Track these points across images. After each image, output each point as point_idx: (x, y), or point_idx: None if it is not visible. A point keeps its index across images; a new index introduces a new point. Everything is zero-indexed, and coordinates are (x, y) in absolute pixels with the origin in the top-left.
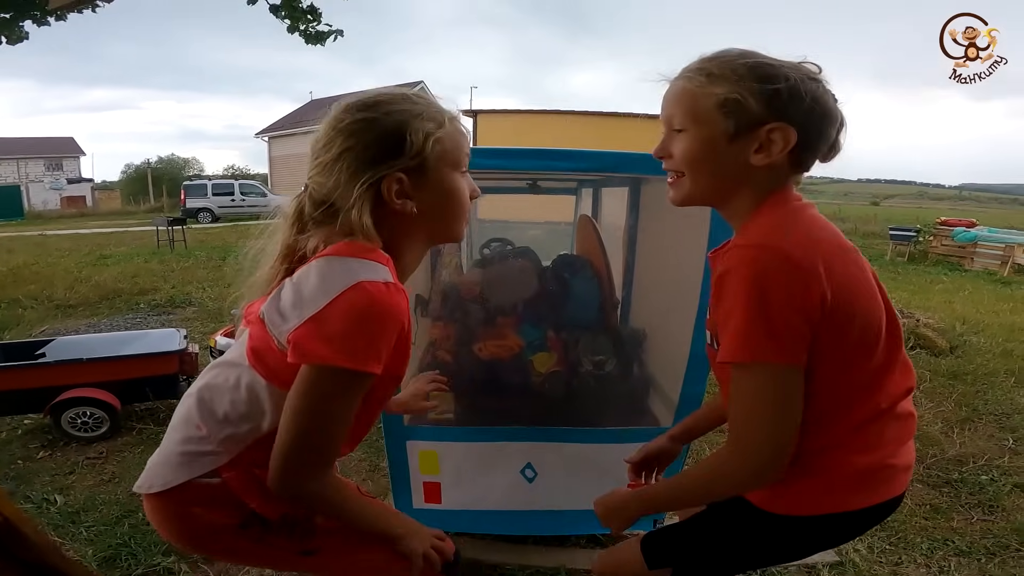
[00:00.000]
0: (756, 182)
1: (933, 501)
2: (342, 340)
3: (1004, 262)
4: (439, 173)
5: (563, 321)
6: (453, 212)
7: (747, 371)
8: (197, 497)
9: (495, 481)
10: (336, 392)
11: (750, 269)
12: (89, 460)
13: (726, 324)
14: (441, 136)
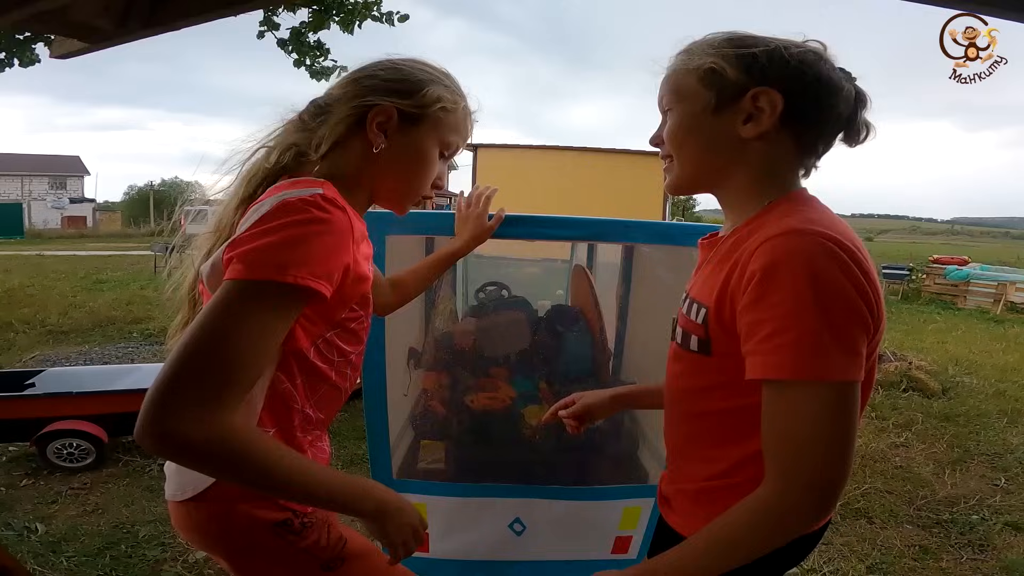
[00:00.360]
0: (753, 160)
1: (923, 542)
2: (268, 252)
3: (997, 300)
4: (427, 135)
5: (555, 373)
6: (412, 176)
7: (806, 390)
8: (238, 492)
9: (483, 533)
10: (248, 308)
11: (809, 264)
12: (73, 490)
13: (772, 330)
14: (450, 108)
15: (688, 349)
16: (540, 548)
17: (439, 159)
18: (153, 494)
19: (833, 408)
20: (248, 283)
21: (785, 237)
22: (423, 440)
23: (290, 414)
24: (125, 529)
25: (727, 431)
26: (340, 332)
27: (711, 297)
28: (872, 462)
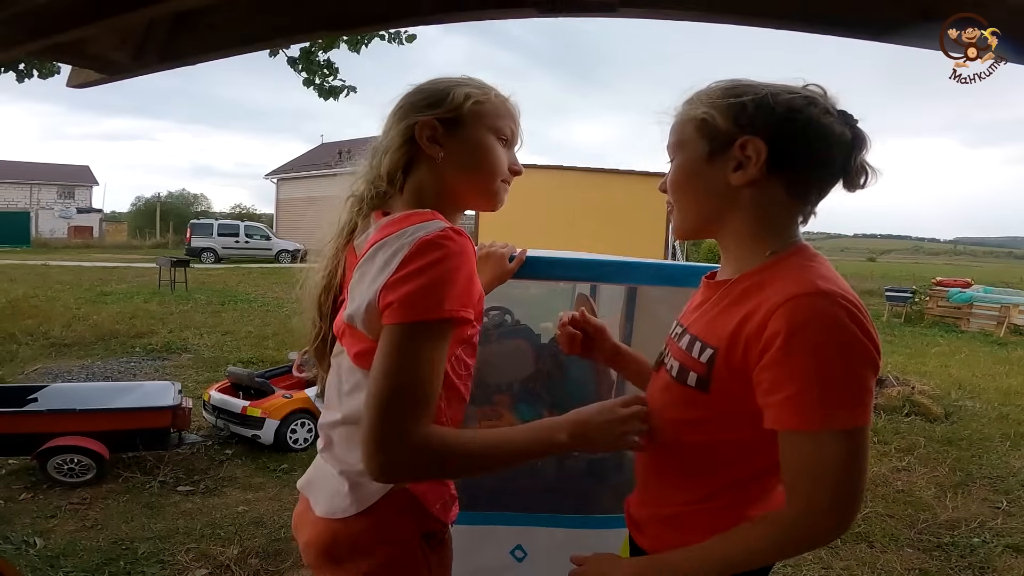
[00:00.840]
0: (746, 206)
1: (923, 565)
2: (422, 296)
3: (1000, 323)
4: (475, 129)
5: (558, 401)
6: (481, 169)
7: (831, 437)
8: (404, 504)
9: (483, 560)
10: (421, 346)
11: (823, 327)
12: (72, 505)
13: (799, 388)
14: (482, 99)
15: (684, 383)
16: (541, 575)
17: (501, 145)
18: (153, 511)
19: (852, 449)
20: (412, 325)
21: (808, 298)
22: None
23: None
24: (124, 545)
25: (711, 460)
26: (466, 347)
27: (721, 340)
28: (874, 486)
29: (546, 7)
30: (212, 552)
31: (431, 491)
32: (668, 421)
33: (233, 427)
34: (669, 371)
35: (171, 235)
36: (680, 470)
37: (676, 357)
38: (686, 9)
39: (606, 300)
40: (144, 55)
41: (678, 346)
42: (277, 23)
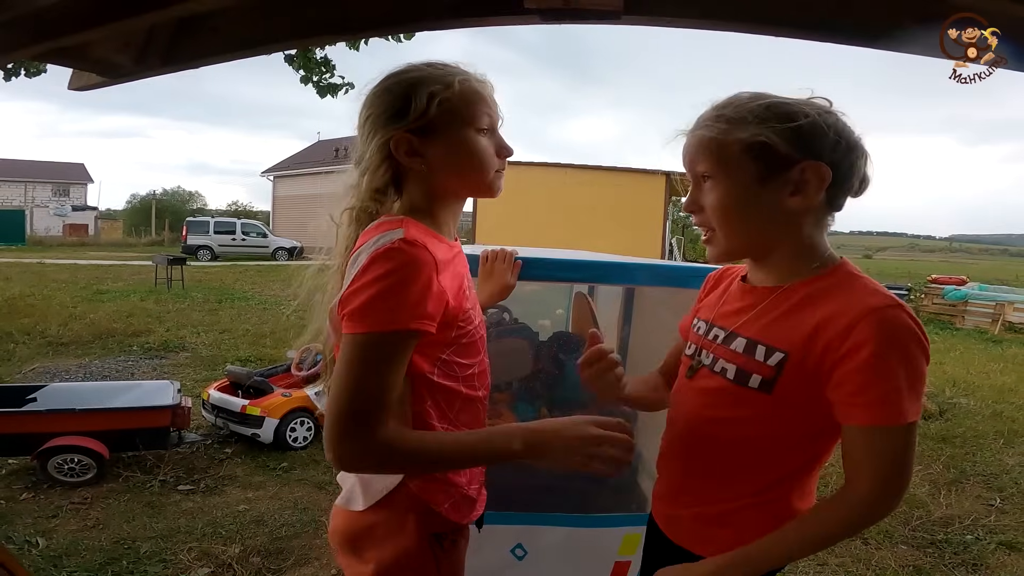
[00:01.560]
0: (797, 229)
1: (917, 562)
2: (372, 307)
3: (995, 320)
4: (449, 131)
5: (557, 400)
6: (468, 167)
7: (903, 429)
8: (406, 502)
9: (484, 558)
10: (370, 356)
11: (908, 336)
12: (73, 505)
13: (887, 390)
14: (448, 96)
15: (744, 385)
16: (541, 573)
17: (482, 134)
18: (154, 510)
19: (914, 435)
20: (363, 336)
21: (891, 311)
22: None
23: (440, 428)
24: (126, 545)
25: (763, 457)
26: (456, 349)
27: (793, 345)
28: None
29: (549, 15)
30: (214, 551)
31: (436, 491)
32: (715, 421)
33: (232, 426)
34: (720, 373)
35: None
36: (729, 468)
37: (729, 359)
38: (687, 17)
39: (604, 298)
40: (146, 58)
41: (729, 349)
42: (279, 27)
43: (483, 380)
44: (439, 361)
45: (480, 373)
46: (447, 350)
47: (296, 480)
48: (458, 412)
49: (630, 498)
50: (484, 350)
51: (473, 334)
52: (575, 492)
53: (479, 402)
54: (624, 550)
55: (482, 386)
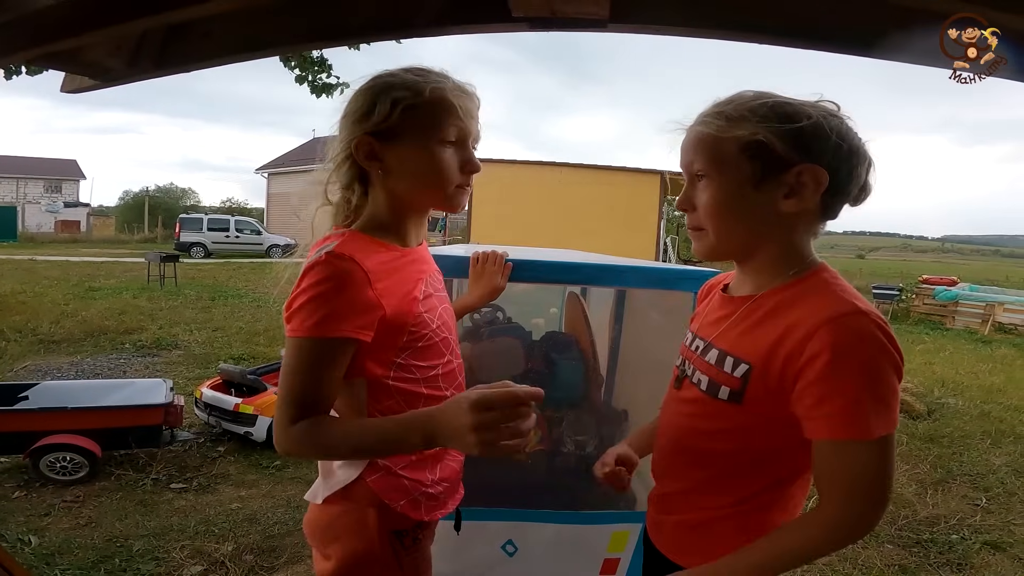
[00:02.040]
0: (786, 232)
1: (902, 561)
2: (306, 315)
3: (985, 320)
4: (410, 139)
5: (549, 399)
6: (424, 178)
7: (873, 444)
8: (363, 497)
9: (476, 554)
10: (308, 358)
11: (868, 345)
12: (66, 503)
13: (846, 403)
14: (415, 103)
15: (715, 397)
16: (532, 569)
17: (446, 146)
18: (146, 508)
19: (888, 451)
20: (295, 340)
21: (850, 318)
22: None
23: None
24: (119, 543)
25: (739, 468)
26: (412, 353)
27: (757, 357)
28: None
29: (537, 23)
30: (207, 549)
31: (392, 488)
32: (695, 432)
33: (225, 424)
34: (696, 384)
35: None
36: (708, 478)
37: (703, 371)
38: (673, 25)
39: (596, 298)
40: (139, 62)
41: (704, 360)
42: (272, 32)
43: (451, 380)
44: (393, 364)
45: (446, 374)
46: (401, 354)
47: (289, 478)
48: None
49: (618, 497)
50: (452, 351)
51: (431, 337)
52: (565, 489)
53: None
54: (613, 547)
55: (450, 386)
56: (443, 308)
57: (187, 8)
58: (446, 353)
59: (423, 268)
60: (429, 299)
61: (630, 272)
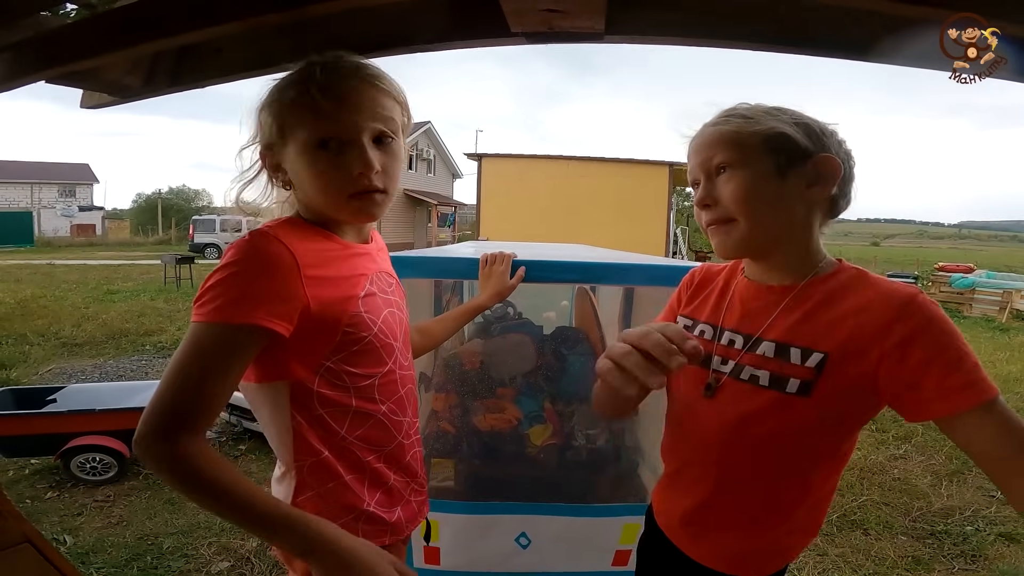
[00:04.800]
0: (808, 223)
1: (916, 553)
2: (211, 297)
3: (1002, 308)
4: (288, 147)
5: (559, 394)
6: (313, 189)
7: (998, 402)
8: (319, 510)
9: (490, 547)
10: (208, 347)
11: (947, 319)
12: (97, 503)
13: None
14: (279, 110)
15: (783, 391)
16: (545, 561)
17: (322, 148)
18: (174, 507)
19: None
20: (197, 326)
21: (922, 298)
22: (434, 458)
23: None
24: (149, 541)
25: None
26: (345, 357)
27: (831, 345)
28: (871, 474)
29: (535, 37)
30: (232, 545)
31: (322, 509)
32: (753, 430)
33: (246, 423)
34: (751, 381)
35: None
36: (767, 475)
37: (758, 366)
38: (667, 35)
39: (605, 291)
40: (154, 79)
41: (756, 355)
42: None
43: (389, 392)
44: (321, 368)
45: (384, 384)
46: (332, 357)
47: None
48: (352, 428)
49: (629, 489)
50: (396, 361)
51: (371, 342)
52: (575, 483)
53: (384, 417)
54: (625, 539)
55: (388, 399)
56: (389, 312)
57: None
58: (387, 361)
59: (368, 266)
60: (372, 299)
61: (635, 270)
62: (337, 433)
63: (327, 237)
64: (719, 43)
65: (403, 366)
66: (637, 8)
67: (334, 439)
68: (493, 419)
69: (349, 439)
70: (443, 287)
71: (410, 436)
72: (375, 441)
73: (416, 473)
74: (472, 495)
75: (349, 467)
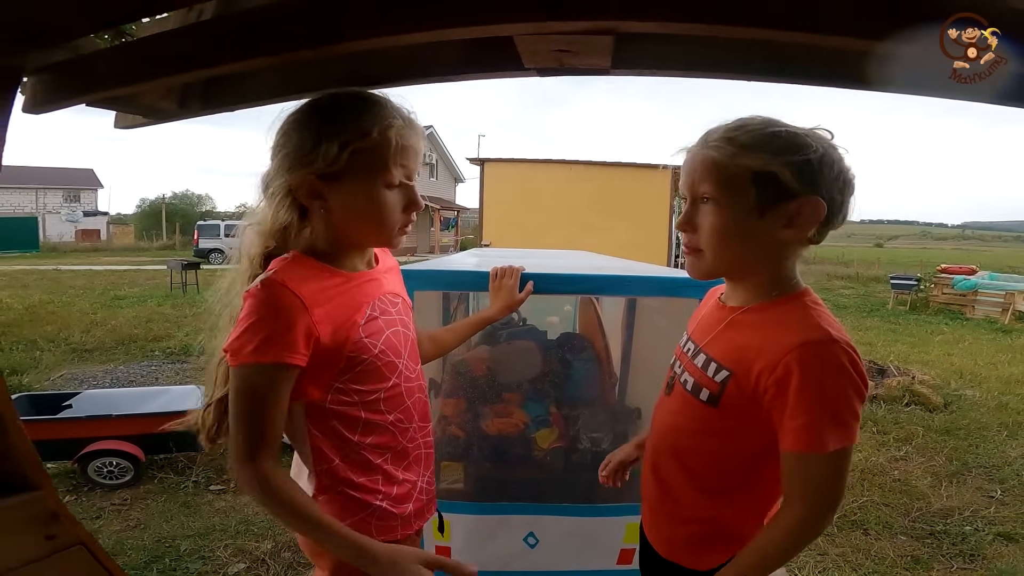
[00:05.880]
0: (779, 255)
1: (915, 552)
2: (240, 345)
3: (1005, 310)
4: (355, 181)
5: (564, 398)
6: (367, 220)
7: (825, 457)
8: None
9: (499, 546)
10: (251, 386)
11: (834, 371)
12: (114, 506)
13: (812, 419)
14: (362, 147)
15: (696, 397)
16: (552, 560)
17: (392, 188)
18: (190, 510)
19: (841, 462)
20: (238, 370)
21: (821, 346)
22: (444, 462)
23: (339, 454)
24: (167, 543)
25: (718, 467)
26: (352, 376)
27: (736, 366)
28: (871, 475)
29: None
30: (248, 547)
31: (338, 506)
32: (679, 430)
33: None
34: (682, 383)
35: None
36: (690, 476)
37: (691, 372)
38: (669, 69)
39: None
40: (187, 104)
41: (693, 362)
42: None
43: (395, 404)
44: (332, 388)
45: (390, 398)
46: (340, 378)
47: None
48: (362, 435)
49: (631, 489)
50: (400, 374)
51: (372, 362)
52: (581, 484)
53: (391, 425)
54: (629, 538)
55: (394, 410)
56: (392, 332)
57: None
58: (391, 377)
59: (370, 292)
60: (373, 322)
61: (637, 282)
62: (349, 441)
63: (331, 273)
64: (721, 75)
65: (409, 379)
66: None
67: (347, 446)
68: (501, 423)
69: (360, 445)
70: (451, 296)
71: (416, 439)
72: (384, 446)
73: (421, 473)
74: (481, 496)
75: (361, 470)
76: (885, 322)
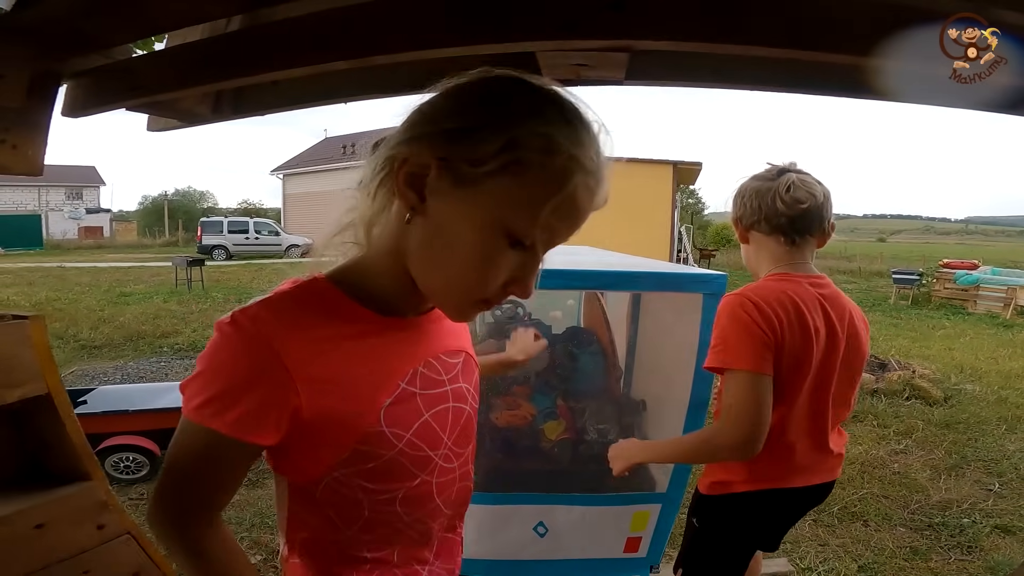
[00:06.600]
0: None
1: (914, 543)
2: (192, 393)
3: (1007, 304)
4: (475, 203)
5: (571, 391)
6: (447, 266)
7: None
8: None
9: (510, 536)
10: (192, 446)
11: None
12: (131, 500)
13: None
14: (527, 162)
15: None
16: (561, 548)
17: (514, 246)
18: None
19: (744, 385)
20: (183, 420)
21: (729, 296)
22: None
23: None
24: None
25: None
26: (358, 471)
27: None
28: (871, 468)
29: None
30: (263, 540)
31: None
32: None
33: None
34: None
35: (181, 233)
36: None
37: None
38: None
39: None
40: (221, 109)
41: None
42: (331, 85)
43: (418, 504)
44: (326, 478)
45: (413, 498)
46: (340, 470)
47: None
48: (363, 531)
49: (638, 479)
50: (431, 471)
51: (396, 459)
52: (588, 475)
53: (409, 527)
54: (635, 527)
55: (417, 510)
56: (434, 414)
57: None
58: (419, 474)
59: (415, 352)
60: (407, 404)
61: (643, 277)
62: (341, 531)
63: (357, 315)
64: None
65: (446, 471)
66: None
67: (338, 536)
68: (510, 415)
69: (358, 540)
70: None
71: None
72: (390, 540)
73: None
74: (491, 487)
75: (347, 561)
76: (887, 316)
